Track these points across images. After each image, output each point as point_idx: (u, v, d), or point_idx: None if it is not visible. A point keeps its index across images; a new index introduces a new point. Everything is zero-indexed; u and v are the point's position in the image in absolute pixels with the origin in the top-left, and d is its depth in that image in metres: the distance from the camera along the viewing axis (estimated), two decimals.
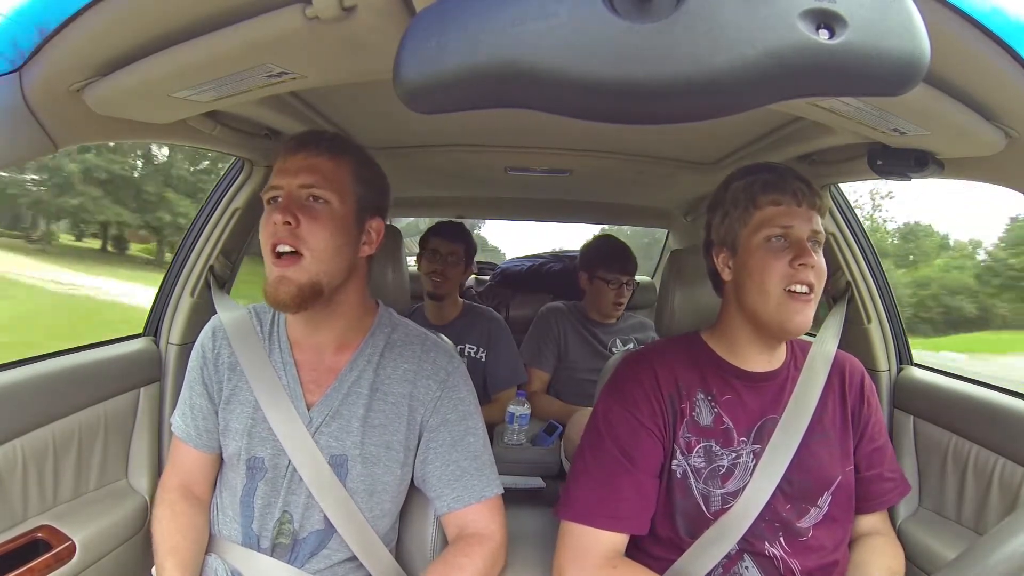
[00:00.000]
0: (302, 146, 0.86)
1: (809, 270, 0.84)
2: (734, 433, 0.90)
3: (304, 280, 0.82)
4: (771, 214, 0.87)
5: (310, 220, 0.82)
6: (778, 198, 0.87)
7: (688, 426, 0.90)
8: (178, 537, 0.89)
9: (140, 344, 1.22)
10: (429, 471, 0.91)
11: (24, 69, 0.61)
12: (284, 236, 0.81)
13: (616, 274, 1.95)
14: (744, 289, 0.89)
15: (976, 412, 1.07)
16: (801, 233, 0.86)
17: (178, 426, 0.96)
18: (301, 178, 0.84)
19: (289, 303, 0.82)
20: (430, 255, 1.87)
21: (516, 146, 1.40)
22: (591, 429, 0.94)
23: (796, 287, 0.84)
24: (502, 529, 0.92)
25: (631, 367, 0.96)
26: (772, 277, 0.85)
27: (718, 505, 0.88)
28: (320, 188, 0.84)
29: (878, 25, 0.33)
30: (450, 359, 0.95)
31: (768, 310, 0.86)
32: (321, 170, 0.85)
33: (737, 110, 0.36)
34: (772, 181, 0.88)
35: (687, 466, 0.89)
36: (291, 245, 0.82)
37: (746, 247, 0.88)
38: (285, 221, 0.81)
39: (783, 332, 0.87)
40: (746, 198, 0.89)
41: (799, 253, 0.84)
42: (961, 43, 0.51)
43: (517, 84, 0.34)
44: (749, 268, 0.87)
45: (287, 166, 0.85)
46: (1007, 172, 0.77)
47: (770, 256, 0.85)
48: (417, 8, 0.49)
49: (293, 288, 0.82)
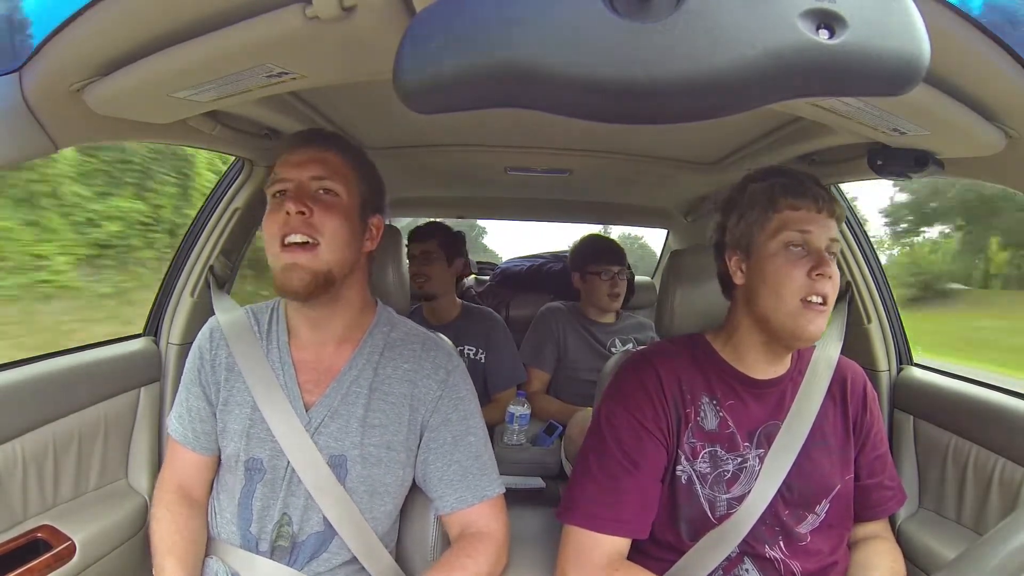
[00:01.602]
0: (308, 141, 0.88)
1: (827, 281, 0.82)
2: (738, 438, 0.89)
3: (318, 268, 0.83)
4: (790, 218, 0.85)
5: (323, 210, 0.83)
6: (798, 203, 0.85)
7: (693, 431, 0.89)
8: (176, 537, 0.89)
9: (140, 344, 1.22)
10: (431, 471, 0.91)
11: (24, 69, 0.62)
12: (298, 226, 0.82)
13: (606, 265, 1.96)
14: (757, 294, 0.87)
15: (976, 412, 1.07)
16: (820, 241, 0.84)
17: (175, 429, 0.96)
18: (311, 170, 0.85)
19: (301, 290, 0.83)
20: (411, 260, 1.89)
21: (516, 146, 1.40)
22: (594, 432, 0.93)
23: (813, 298, 0.82)
24: (504, 528, 0.92)
25: (633, 369, 0.94)
26: (789, 286, 0.83)
27: (723, 510, 0.88)
28: (330, 180, 0.86)
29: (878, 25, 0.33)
30: (450, 358, 0.95)
31: (781, 318, 0.84)
32: (330, 163, 0.87)
33: (737, 110, 0.36)
34: (792, 185, 0.86)
35: (692, 472, 0.88)
36: (305, 234, 0.82)
37: (762, 251, 0.86)
38: (299, 211, 0.81)
39: (795, 340, 0.85)
40: (765, 200, 0.87)
41: (818, 263, 0.82)
42: (961, 43, 0.51)
43: (517, 84, 0.34)
44: (765, 274, 0.85)
45: (294, 159, 0.86)
46: (1007, 172, 0.77)
47: (788, 264, 0.83)
48: (417, 8, 0.49)
49: (307, 275, 0.82)
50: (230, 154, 1.20)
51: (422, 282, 1.88)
